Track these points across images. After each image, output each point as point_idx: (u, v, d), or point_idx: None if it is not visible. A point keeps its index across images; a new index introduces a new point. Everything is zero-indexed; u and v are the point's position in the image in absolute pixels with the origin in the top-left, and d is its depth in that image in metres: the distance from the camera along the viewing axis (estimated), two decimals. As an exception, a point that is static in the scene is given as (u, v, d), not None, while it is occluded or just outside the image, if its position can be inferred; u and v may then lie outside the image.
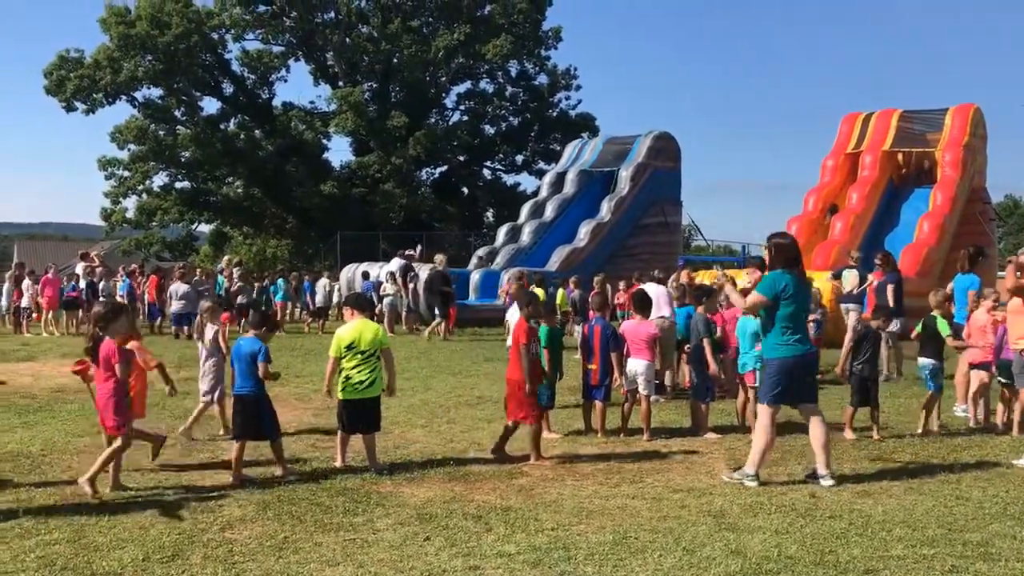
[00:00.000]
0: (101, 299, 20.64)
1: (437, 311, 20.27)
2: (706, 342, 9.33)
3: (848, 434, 9.00)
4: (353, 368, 7.46)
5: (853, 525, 5.94)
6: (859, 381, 9.21)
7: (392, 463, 7.66)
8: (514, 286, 14.26)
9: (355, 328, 7.55)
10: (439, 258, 22.01)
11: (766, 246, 7.40)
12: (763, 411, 7.15)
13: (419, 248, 26.67)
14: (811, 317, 13.52)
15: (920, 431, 9.27)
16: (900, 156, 24.22)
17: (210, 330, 8.95)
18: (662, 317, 11.44)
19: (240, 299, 22.87)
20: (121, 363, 6.66)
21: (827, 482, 6.94)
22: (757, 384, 8.94)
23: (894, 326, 12.06)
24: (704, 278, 14.65)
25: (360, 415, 7.54)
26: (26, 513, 6.02)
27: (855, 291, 14.75)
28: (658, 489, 6.91)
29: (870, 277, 14.36)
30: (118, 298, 22.35)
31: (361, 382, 7.48)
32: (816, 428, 7.11)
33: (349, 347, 7.46)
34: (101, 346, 6.70)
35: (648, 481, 7.15)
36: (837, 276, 15.82)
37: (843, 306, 14.93)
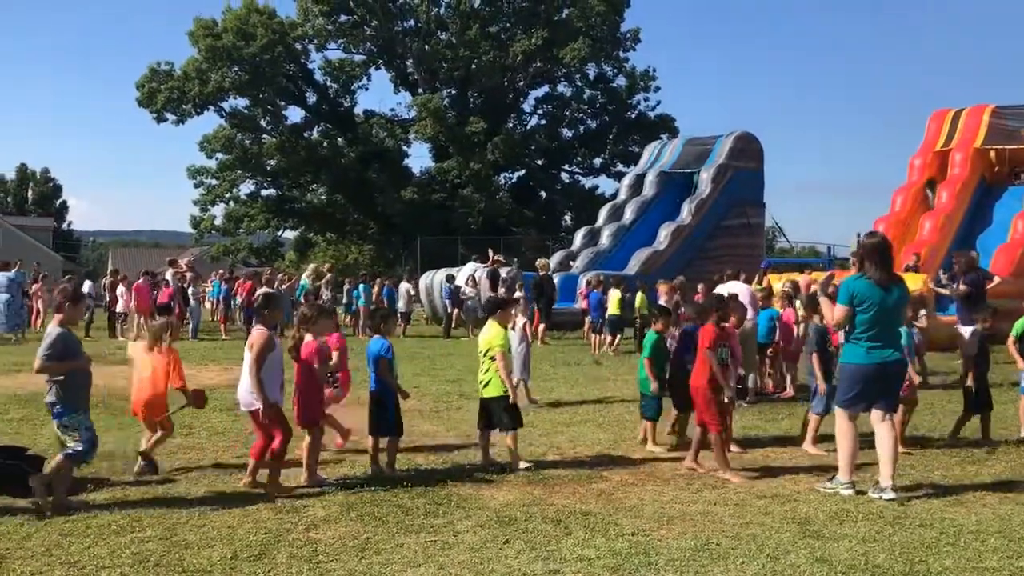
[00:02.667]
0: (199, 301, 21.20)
1: (536, 315, 20.23)
2: (815, 356, 8.57)
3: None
4: (481, 368, 7.84)
5: (944, 534, 5.75)
6: (978, 386, 8.87)
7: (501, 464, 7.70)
8: (666, 288, 13.98)
9: (483, 330, 8.01)
10: (542, 262, 22.03)
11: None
12: (839, 416, 6.95)
13: (491, 255, 26.80)
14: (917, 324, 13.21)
15: None
16: (992, 153, 23.37)
17: (520, 320, 10.90)
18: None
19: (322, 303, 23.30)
20: (321, 363, 7.16)
21: (888, 495, 6.59)
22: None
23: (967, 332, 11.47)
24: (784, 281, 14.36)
25: (485, 413, 7.81)
26: (121, 511, 6.24)
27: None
28: (740, 495, 6.80)
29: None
30: (208, 302, 23.00)
31: (480, 382, 7.83)
32: (885, 436, 6.80)
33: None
34: (303, 346, 7.15)
35: (730, 487, 7.04)
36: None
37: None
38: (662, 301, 12.74)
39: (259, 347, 6.80)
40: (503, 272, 22.99)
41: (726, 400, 7.54)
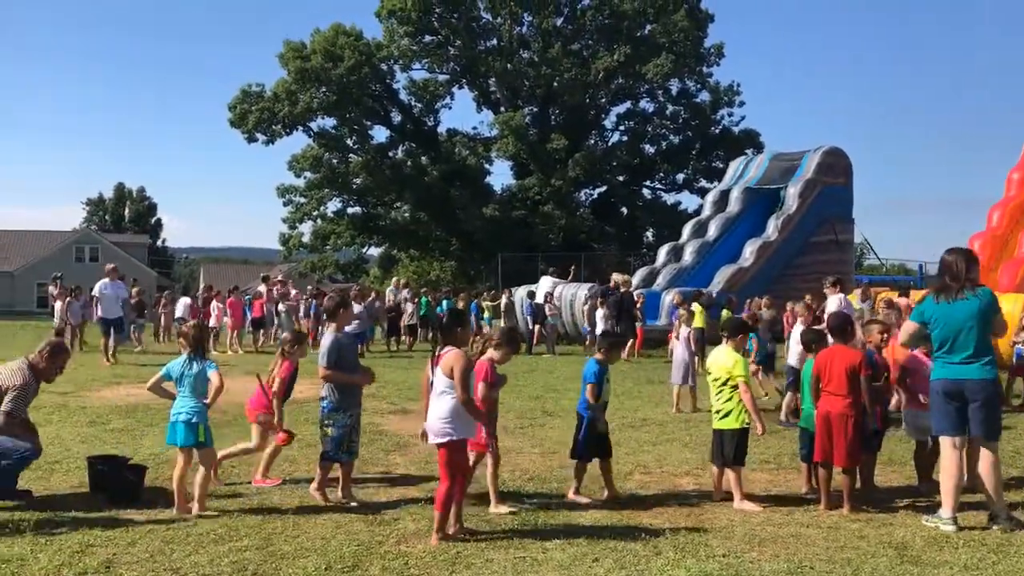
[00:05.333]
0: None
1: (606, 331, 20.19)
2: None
3: None
4: (714, 396, 7.31)
5: (1053, 564, 5.53)
6: None
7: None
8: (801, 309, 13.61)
9: (715, 354, 7.46)
10: (623, 278, 21.97)
11: None
12: (942, 444, 6.59)
13: (572, 269, 26.78)
14: (1015, 340, 12.74)
15: None
16: (1099, 167, 22.40)
17: (684, 330, 12.54)
18: None
19: (411, 319, 23.68)
20: (483, 382, 6.74)
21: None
22: None
23: None
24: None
25: (718, 445, 7.23)
26: (219, 520, 6.43)
27: None
28: (833, 518, 6.66)
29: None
30: (302, 320, 23.50)
31: (718, 412, 7.25)
32: (985, 464, 6.47)
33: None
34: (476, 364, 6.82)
35: (822, 509, 6.90)
36: None
37: None
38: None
39: (461, 368, 6.02)
40: (579, 289, 22.91)
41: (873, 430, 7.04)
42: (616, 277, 21.75)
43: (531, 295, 23.08)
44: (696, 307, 17.53)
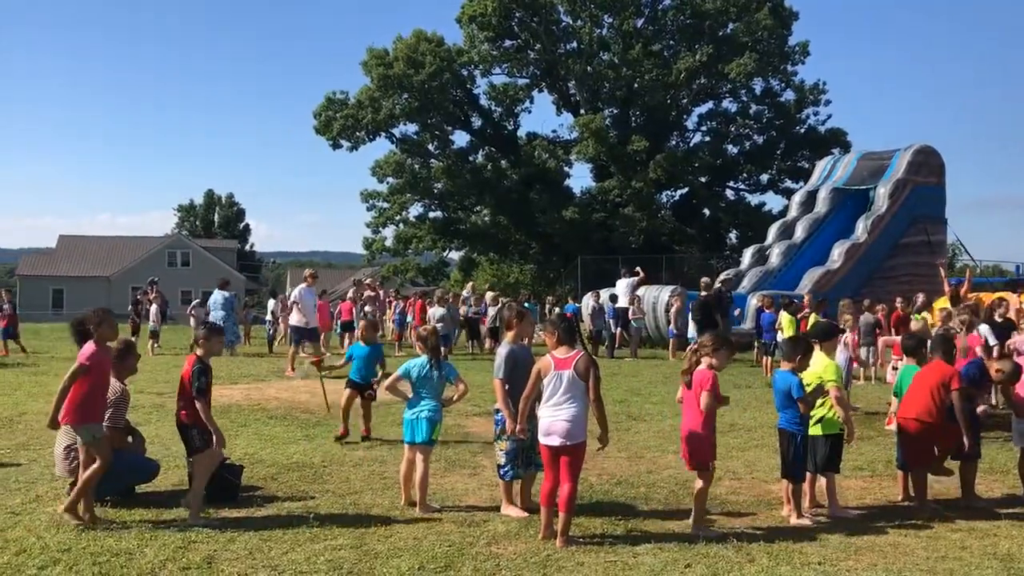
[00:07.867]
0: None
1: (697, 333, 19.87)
2: None
3: None
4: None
5: None
6: None
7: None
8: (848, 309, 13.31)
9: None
10: (724, 278, 21.68)
11: None
12: None
13: (638, 270, 26.51)
14: None
15: None
16: None
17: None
18: None
19: (493, 322, 23.80)
20: (707, 392, 6.27)
21: None
22: None
23: None
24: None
25: (812, 451, 6.93)
26: (314, 520, 6.58)
27: None
28: (933, 527, 6.47)
29: None
30: (390, 323, 23.79)
31: (811, 417, 6.92)
32: None
33: None
34: (693, 374, 6.42)
35: (920, 518, 6.71)
36: None
37: None
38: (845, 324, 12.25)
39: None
40: (661, 292, 22.67)
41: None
42: (722, 276, 21.41)
43: (613, 298, 22.96)
44: (785, 316, 17.15)
